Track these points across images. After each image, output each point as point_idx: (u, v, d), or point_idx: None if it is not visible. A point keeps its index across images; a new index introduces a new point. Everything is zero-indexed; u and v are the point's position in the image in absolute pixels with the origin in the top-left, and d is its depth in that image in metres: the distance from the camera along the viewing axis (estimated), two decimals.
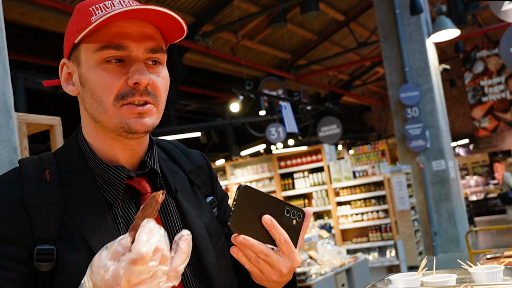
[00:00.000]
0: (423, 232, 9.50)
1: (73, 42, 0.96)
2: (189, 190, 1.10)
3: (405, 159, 9.82)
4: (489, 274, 1.24)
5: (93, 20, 0.92)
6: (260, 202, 0.92)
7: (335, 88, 17.35)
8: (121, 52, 0.93)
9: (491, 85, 16.91)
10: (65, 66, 1.02)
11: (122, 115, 0.94)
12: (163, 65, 1.00)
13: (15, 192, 0.93)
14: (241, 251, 0.91)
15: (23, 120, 2.27)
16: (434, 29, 9.55)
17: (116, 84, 0.93)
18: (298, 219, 0.96)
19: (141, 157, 1.04)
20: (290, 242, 0.93)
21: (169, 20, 0.95)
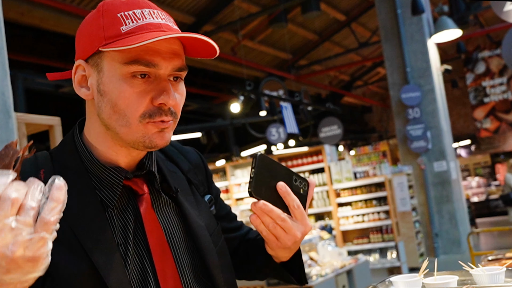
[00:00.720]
0: (424, 234, 9.48)
1: (97, 48, 0.92)
2: (188, 190, 1.10)
3: (406, 160, 9.79)
4: (491, 276, 1.23)
5: (123, 30, 0.90)
6: (274, 170, 0.96)
7: (336, 89, 17.34)
8: (150, 69, 0.92)
9: (493, 85, 16.86)
10: (80, 68, 0.98)
11: (146, 130, 0.94)
12: (182, 81, 1.00)
13: None
14: (260, 218, 0.94)
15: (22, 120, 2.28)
16: (435, 29, 9.53)
17: (142, 102, 0.92)
18: (304, 188, 1.01)
19: (139, 159, 1.03)
20: (302, 208, 0.97)
21: (202, 44, 0.94)
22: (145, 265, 0.95)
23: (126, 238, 0.95)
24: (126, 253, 0.94)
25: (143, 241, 0.97)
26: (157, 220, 1.00)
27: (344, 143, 18.36)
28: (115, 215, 0.96)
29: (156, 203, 1.02)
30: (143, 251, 0.96)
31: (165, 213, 1.03)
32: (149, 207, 1.00)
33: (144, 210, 0.99)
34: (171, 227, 1.02)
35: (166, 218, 1.02)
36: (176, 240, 1.01)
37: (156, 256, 0.97)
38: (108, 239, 0.91)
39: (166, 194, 1.05)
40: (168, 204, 1.04)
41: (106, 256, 0.90)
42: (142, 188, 1.01)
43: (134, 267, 0.94)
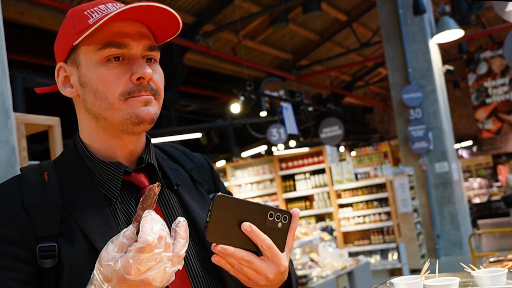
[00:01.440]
0: (425, 235, 9.48)
1: (71, 45, 1.00)
2: (190, 185, 1.13)
3: (408, 161, 9.79)
4: (493, 278, 1.23)
5: (91, 22, 0.96)
6: (238, 210, 0.91)
7: (337, 89, 17.33)
8: (122, 50, 0.97)
9: (495, 86, 16.89)
10: (61, 70, 1.05)
11: (129, 105, 0.98)
12: (157, 62, 1.05)
13: (16, 195, 0.96)
14: (224, 259, 0.91)
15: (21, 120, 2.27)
16: (437, 29, 9.56)
17: (120, 81, 0.97)
18: (284, 221, 0.95)
19: (139, 154, 1.07)
20: (273, 247, 0.92)
21: (164, 17, 1.00)
22: None
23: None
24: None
25: None
26: (160, 212, 1.04)
27: (345, 143, 18.33)
28: (118, 209, 1.00)
29: (158, 195, 1.03)
30: None
31: (168, 205, 1.07)
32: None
33: None
34: (175, 217, 1.04)
35: (169, 209, 1.06)
36: None
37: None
38: (113, 230, 0.94)
39: (167, 188, 1.09)
40: (171, 197, 1.08)
41: None
42: (142, 181, 1.05)
43: None
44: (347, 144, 18.90)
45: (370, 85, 19.44)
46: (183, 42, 10.31)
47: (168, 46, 10.84)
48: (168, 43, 9.73)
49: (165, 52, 10.94)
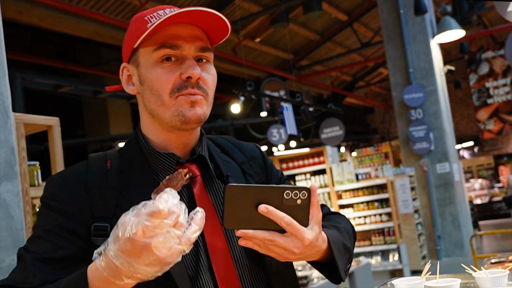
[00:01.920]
0: (426, 236, 9.45)
1: (133, 47, 1.11)
2: (241, 177, 1.21)
3: (409, 161, 9.76)
4: (494, 279, 1.24)
5: (149, 26, 1.07)
6: (252, 195, 0.96)
7: (338, 89, 17.31)
8: (174, 51, 1.08)
9: (496, 86, 16.86)
10: (125, 69, 1.17)
11: (177, 104, 1.07)
12: (210, 63, 1.14)
13: (81, 178, 1.09)
14: (249, 241, 0.97)
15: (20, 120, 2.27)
16: (438, 29, 9.50)
17: (171, 78, 1.07)
18: (303, 197, 0.99)
19: (192, 147, 1.16)
20: (293, 223, 0.96)
21: (215, 21, 1.08)
22: (197, 240, 1.01)
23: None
24: None
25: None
26: (209, 199, 1.13)
27: (345, 144, 18.29)
28: None
29: (208, 185, 1.15)
30: None
31: (217, 194, 1.15)
32: (201, 187, 1.14)
33: (196, 191, 1.13)
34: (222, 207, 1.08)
35: (217, 198, 1.14)
36: None
37: (207, 232, 1.09)
38: None
39: (218, 179, 1.17)
40: (221, 188, 1.16)
41: None
42: (194, 171, 1.14)
43: None
44: (348, 145, 18.87)
45: (371, 85, 19.41)
46: None
47: None
48: None
49: None
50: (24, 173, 2.25)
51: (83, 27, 9.22)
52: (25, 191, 2.23)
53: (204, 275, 1.06)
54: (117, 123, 11.73)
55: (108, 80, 11.21)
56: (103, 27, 9.46)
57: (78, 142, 10.70)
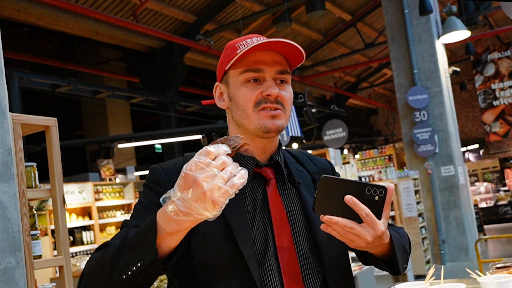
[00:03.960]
0: (431, 240, 9.38)
1: (224, 70, 1.34)
2: (311, 186, 1.39)
3: (413, 164, 9.69)
4: (499, 284, 1.26)
5: (238, 52, 1.27)
6: (340, 187, 1.13)
7: (341, 90, 17.33)
8: (258, 73, 1.29)
9: (502, 88, 16.84)
10: (218, 87, 1.40)
11: (260, 117, 1.28)
12: (288, 83, 1.35)
13: (178, 169, 1.14)
14: (330, 227, 1.14)
15: (18, 120, 2.29)
16: (444, 30, 9.43)
17: (253, 95, 1.29)
18: (380, 194, 1.15)
19: (270, 154, 1.36)
20: (371, 215, 1.13)
21: (292, 49, 1.29)
22: (267, 231, 1.26)
23: (254, 209, 1.28)
24: (253, 219, 1.26)
25: (267, 213, 1.29)
26: (280, 200, 1.32)
27: (349, 146, 18.25)
28: (247, 192, 1.30)
29: (281, 188, 1.34)
30: (266, 220, 1.28)
31: (288, 196, 1.34)
32: (274, 189, 1.32)
33: (270, 191, 1.32)
34: (292, 206, 1.32)
35: (288, 199, 1.33)
36: (294, 217, 1.31)
37: (276, 226, 1.27)
38: (240, 206, 1.25)
39: (290, 183, 1.36)
40: (292, 191, 1.35)
41: (237, 217, 1.24)
42: (269, 174, 1.34)
43: (258, 231, 1.26)
44: (351, 147, 18.82)
45: (375, 86, 19.42)
46: (183, 41, 10.19)
47: (168, 46, 10.74)
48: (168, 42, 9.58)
49: (165, 52, 10.83)
50: (21, 174, 2.28)
51: (81, 26, 9.17)
52: (22, 192, 2.27)
53: (270, 261, 1.24)
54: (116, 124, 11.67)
55: (107, 80, 11.12)
56: (102, 26, 9.41)
57: (76, 143, 10.64)
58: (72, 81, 9.59)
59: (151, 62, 10.98)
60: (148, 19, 10.08)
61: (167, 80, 10.80)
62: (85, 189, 8.91)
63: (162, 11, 10.03)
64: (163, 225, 1.03)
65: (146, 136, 10.32)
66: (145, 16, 9.91)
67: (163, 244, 1.05)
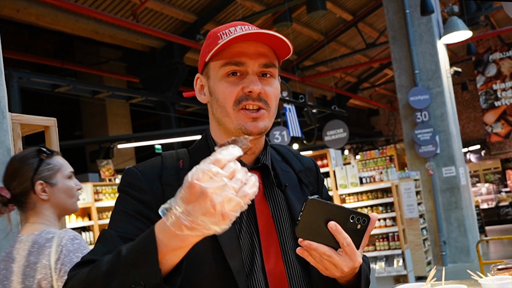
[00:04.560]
0: (432, 241, 9.37)
1: (205, 61, 1.23)
2: (297, 187, 1.31)
3: (414, 165, 9.68)
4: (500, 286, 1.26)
5: (219, 43, 1.16)
6: (326, 211, 1.08)
7: (342, 91, 17.34)
8: (239, 67, 1.18)
9: (504, 89, 16.85)
10: (198, 80, 1.29)
11: (240, 118, 1.18)
12: (274, 78, 1.23)
13: (157, 171, 1.20)
14: (308, 252, 1.07)
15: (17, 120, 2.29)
16: (445, 30, 9.42)
17: (234, 91, 1.18)
18: (363, 223, 1.11)
19: (256, 155, 1.25)
20: (352, 245, 1.08)
21: (277, 41, 1.18)
22: (254, 242, 1.19)
23: (241, 218, 1.18)
24: (240, 229, 1.18)
25: (253, 222, 1.20)
26: (268, 207, 1.23)
27: (349, 147, 18.27)
28: None
29: (268, 192, 1.25)
30: (252, 230, 1.20)
31: (276, 202, 1.25)
32: (261, 194, 1.23)
33: (257, 198, 1.20)
34: (279, 213, 1.24)
35: (275, 206, 1.24)
36: (282, 225, 1.23)
37: (263, 236, 1.20)
38: None
39: (277, 186, 1.27)
40: (279, 195, 1.26)
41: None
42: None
43: (245, 242, 1.17)
44: (352, 148, 18.84)
45: (376, 86, 19.41)
46: (183, 41, 10.17)
47: (168, 46, 10.72)
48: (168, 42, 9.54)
49: (165, 52, 10.81)
50: None
51: (81, 26, 9.16)
52: None
53: (257, 274, 1.17)
54: (115, 124, 11.65)
55: (107, 80, 11.10)
56: (102, 26, 9.40)
57: (76, 143, 10.61)
58: (72, 81, 9.58)
59: (151, 62, 10.97)
60: (148, 19, 10.07)
61: (167, 80, 10.78)
62: (84, 190, 8.87)
63: (162, 11, 10.02)
64: (164, 241, 0.93)
65: (146, 137, 10.30)
66: (145, 16, 9.90)
67: (163, 261, 0.95)
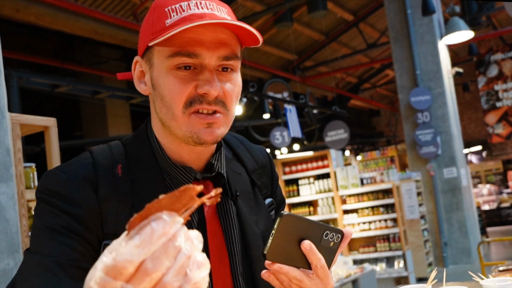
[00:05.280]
0: (433, 243, 9.38)
1: (147, 44, 0.97)
2: (250, 192, 1.13)
3: (415, 166, 9.69)
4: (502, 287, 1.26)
5: (168, 23, 0.94)
6: (300, 228, 0.93)
7: (343, 91, 17.32)
8: (193, 59, 0.94)
9: (505, 89, 16.82)
10: (138, 64, 1.05)
11: (191, 124, 0.96)
12: (236, 71, 1.01)
13: (89, 177, 0.95)
14: (274, 275, 0.92)
15: (17, 121, 2.28)
16: (447, 30, 9.45)
17: (185, 90, 0.95)
18: (336, 240, 0.98)
19: (207, 159, 1.06)
20: (326, 267, 0.94)
21: (243, 29, 0.95)
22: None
23: None
24: None
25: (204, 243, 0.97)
26: (219, 225, 1.05)
27: (350, 147, 18.26)
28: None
29: (220, 207, 1.06)
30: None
31: (227, 219, 1.06)
32: (213, 211, 1.05)
33: (208, 214, 1.04)
34: (230, 232, 1.06)
35: (227, 223, 1.06)
36: (234, 248, 1.05)
37: (213, 261, 1.02)
38: None
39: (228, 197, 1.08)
40: (231, 208, 1.07)
41: None
42: (209, 190, 1.03)
43: None
44: (353, 148, 18.83)
45: (377, 87, 19.39)
46: None
47: None
48: None
49: None
50: (20, 175, 2.25)
51: (81, 26, 9.13)
52: (20, 193, 2.23)
53: None
54: (115, 125, 11.61)
55: (107, 80, 11.08)
56: (102, 26, 9.38)
57: (75, 143, 10.60)
58: (72, 81, 9.56)
59: None
60: None
61: None
62: None
63: None
64: None
65: None
66: (145, 15, 9.87)
67: None
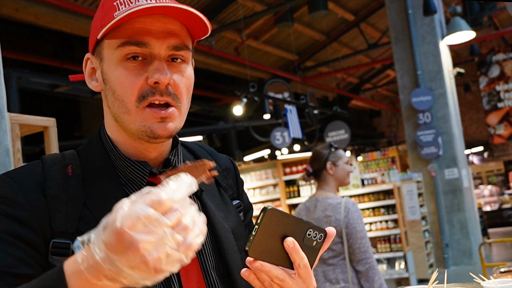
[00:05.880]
0: (434, 244, 9.36)
1: (96, 38, 0.96)
2: (215, 192, 1.12)
3: (416, 166, 9.67)
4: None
5: (116, 15, 0.93)
6: (283, 225, 0.90)
7: (343, 92, 17.34)
8: (142, 49, 0.93)
9: (507, 90, 16.80)
10: (89, 61, 1.04)
11: (145, 118, 0.95)
12: (187, 63, 0.99)
13: (37, 179, 0.94)
14: (254, 274, 0.89)
15: (16, 121, 2.27)
16: (448, 30, 9.46)
17: (136, 83, 0.94)
18: (319, 240, 0.95)
19: (165, 155, 1.05)
20: (308, 267, 0.91)
21: (192, 17, 0.95)
22: None
23: None
24: None
25: None
26: None
27: (351, 148, 18.26)
28: None
29: None
30: None
31: None
32: None
33: None
34: None
35: None
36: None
37: None
38: None
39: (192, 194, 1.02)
40: (196, 203, 1.05)
41: None
42: None
43: None
44: (354, 149, 18.83)
45: (378, 87, 19.41)
46: None
47: None
48: None
49: None
50: None
51: (81, 25, 9.13)
52: None
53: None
54: None
55: None
56: None
57: (75, 144, 10.57)
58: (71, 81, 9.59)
59: None
60: None
61: None
62: None
63: None
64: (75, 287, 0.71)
65: None
66: None
67: None
